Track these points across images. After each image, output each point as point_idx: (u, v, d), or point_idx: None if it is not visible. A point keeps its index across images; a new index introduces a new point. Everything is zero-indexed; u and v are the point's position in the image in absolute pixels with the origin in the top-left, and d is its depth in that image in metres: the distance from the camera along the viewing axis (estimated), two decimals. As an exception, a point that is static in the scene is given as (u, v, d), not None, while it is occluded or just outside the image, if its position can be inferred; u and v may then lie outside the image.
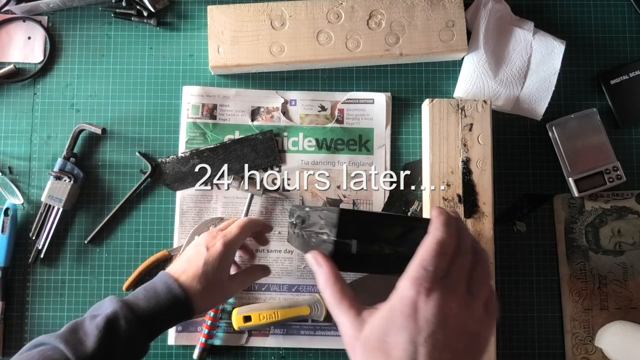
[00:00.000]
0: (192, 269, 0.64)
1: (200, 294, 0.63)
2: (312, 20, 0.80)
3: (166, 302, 0.61)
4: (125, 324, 0.59)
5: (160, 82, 0.83)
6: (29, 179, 0.81)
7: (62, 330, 0.58)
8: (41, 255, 0.79)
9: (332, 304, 0.49)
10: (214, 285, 0.64)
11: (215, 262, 0.64)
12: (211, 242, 0.66)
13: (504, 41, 0.81)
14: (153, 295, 0.62)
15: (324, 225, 0.54)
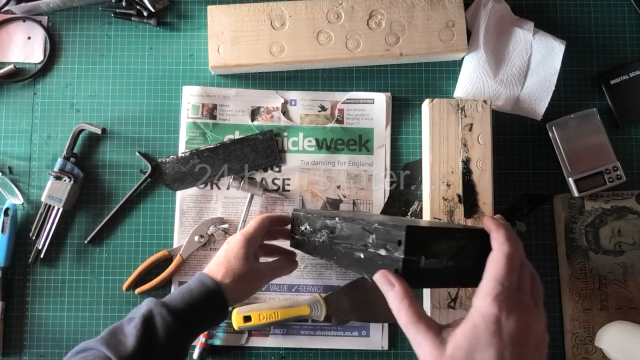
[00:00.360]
0: (219, 262, 0.68)
1: (230, 284, 0.66)
2: (312, 20, 0.80)
3: (199, 294, 0.64)
4: (161, 320, 0.60)
5: (160, 82, 0.83)
6: (29, 179, 0.81)
7: (103, 334, 0.60)
8: (41, 255, 0.79)
9: (408, 325, 0.49)
10: (242, 273, 0.67)
11: (236, 252, 0.67)
12: (232, 238, 0.70)
13: (504, 41, 0.81)
14: (186, 290, 0.65)
15: (377, 240, 0.54)
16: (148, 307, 0.62)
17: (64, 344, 0.78)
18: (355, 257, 0.57)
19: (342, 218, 0.62)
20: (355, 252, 0.57)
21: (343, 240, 0.60)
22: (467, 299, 0.74)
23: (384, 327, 0.79)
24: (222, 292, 0.65)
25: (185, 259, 0.79)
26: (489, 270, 0.48)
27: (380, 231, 0.53)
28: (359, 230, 0.57)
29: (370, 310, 0.78)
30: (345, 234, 0.60)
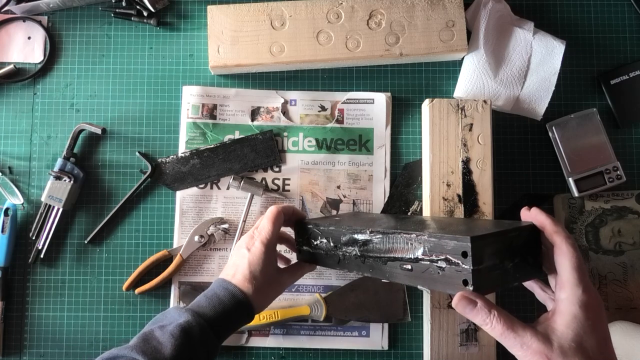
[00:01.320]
0: (241, 272, 0.67)
1: (255, 294, 0.65)
2: (312, 20, 0.80)
3: (231, 306, 0.64)
4: (200, 331, 0.61)
5: (160, 82, 0.83)
6: (29, 179, 0.81)
7: (134, 342, 0.60)
8: (41, 255, 0.79)
9: (506, 334, 0.51)
10: (265, 283, 0.67)
11: (258, 262, 0.67)
12: (250, 243, 0.68)
13: (504, 41, 0.81)
14: (217, 302, 0.64)
15: (430, 252, 0.54)
16: (186, 318, 0.61)
17: (64, 344, 0.78)
18: (402, 269, 0.58)
19: (377, 231, 0.61)
20: (403, 264, 0.57)
21: (382, 253, 0.60)
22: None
23: (384, 327, 0.79)
24: (251, 303, 0.65)
25: (185, 259, 0.79)
26: (565, 262, 0.51)
27: (433, 243, 0.54)
28: (403, 242, 0.57)
29: (370, 310, 0.78)
30: (383, 247, 0.60)
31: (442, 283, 0.53)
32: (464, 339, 0.74)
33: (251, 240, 0.69)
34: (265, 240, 0.68)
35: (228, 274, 0.68)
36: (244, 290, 0.65)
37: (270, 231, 0.68)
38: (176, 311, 0.63)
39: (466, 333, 0.74)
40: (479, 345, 0.74)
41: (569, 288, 0.51)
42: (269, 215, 0.70)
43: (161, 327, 0.61)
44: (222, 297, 0.64)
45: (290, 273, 0.71)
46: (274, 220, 0.69)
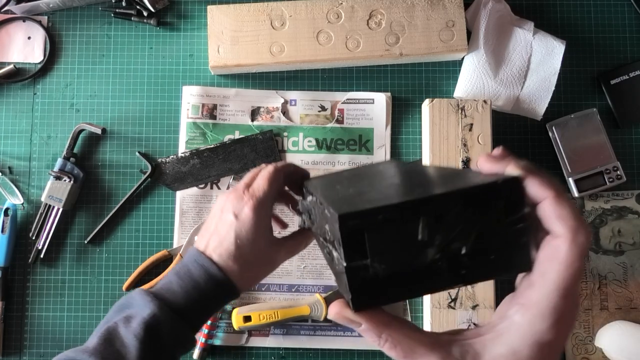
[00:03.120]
0: (225, 246, 0.54)
1: (240, 274, 0.54)
2: (312, 20, 0.80)
3: (209, 291, 0.53)
4: (169, 326, 0.51)
5: (160, 82, 0.83)
6: (29, 179, 0.81)
7: (95, 343, 0.51)
8: (41, 255, 0.79)
9: None
10: (254, 260, 0.55)
11: (248, 235, 0.53)
12: (239, 207, 0.54)
13: (504, 41, 0.81)
14: (191, 285, 0.53)
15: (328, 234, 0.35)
16: (150, 311, 0.51)
17: (64, 344, 0.78)
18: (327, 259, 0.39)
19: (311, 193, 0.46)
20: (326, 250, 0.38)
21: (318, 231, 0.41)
22: (467, 299, 0.74)
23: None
24: (234, 284, 0.54)
25: (185, 259, 0.79)
26: (551, 276, 0.32)
27: (322, 214, 0.37)
28: (320, 212, 0.40)
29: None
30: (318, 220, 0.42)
31: (340, 283, 0.35)
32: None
33: (240, 202, 0.54)
34: (259, 205, 0.53)
35: (207, 245, 0.55)
36: (226, 270, 0.53)
37: (267, 193, 0.54)
38: (141, 298, 0.52)
39: (466, 333, 0.74)
40: (479, 345, 0.74)
41: (532, 312, 0.32)
42: (265, 175, 0.55)
43: (126, 321, 0.52)
44: (198, 280, 0.53)
45: (290, 245, 0.57)
46: (272, 180, 0.55)
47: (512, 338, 0.33)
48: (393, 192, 0.38)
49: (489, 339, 0.34)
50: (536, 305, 0.32)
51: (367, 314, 0.34)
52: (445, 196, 0.32)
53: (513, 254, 0.33)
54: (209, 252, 0.54)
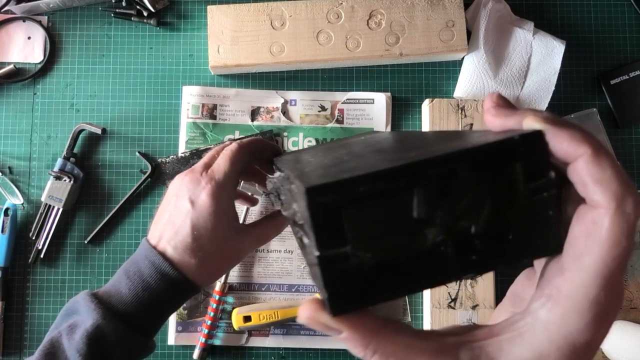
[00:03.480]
0: (180, 238, 0.47)
1: (198, 268, 0.47)
2: (312, 20, 0.80)
3: (160, 292, 0.47)
4: (116, 339, 0.46)
5: (160, 82, 0.83)
6: (29, 179, 0.81)
7: (36, 357, 0.47)
8: (41, 255, 0.79)
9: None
10: (216, 252, 0.48)
11: (207, 224, 0.47)
12: (196, 192, 0.48)
13: (504, 41, 0.81)
14: (140, 285, 0.47)
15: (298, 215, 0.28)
16: (94, 321, 0.45)
17: (64, 344, 0.78)
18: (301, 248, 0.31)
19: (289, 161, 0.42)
20: (297, 237, 0.32)
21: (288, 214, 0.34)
22: (467, 299, 0.74)
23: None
24: (192, 282, 0.48)
25: (185, 259, 0.79)
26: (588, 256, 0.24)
27: (293, 191, 0.30)
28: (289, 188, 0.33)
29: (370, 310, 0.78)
30: (287, 199, 0.35)
31: (315, 278, 0.27)
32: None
33: (197, 187, 0.48)
34: (218, 189, 0.47)
35: (161, 236, 0.49)
36: (182, 266, 0.47)
37: (228, 175, 0.48)
38: (85, 304, 0.47)
39: (466, 333, 0.74)
40: (479, 345, 0.74)
41: (565, 310, 0.25)
42: (227, 153, 0.49)
43: (70, 331, 0.46)
44: (148, 280, 0.47)
45: (257, 233, 0.51)
46: (234, 159, 0.49)
47: (538, 339, 0.25)
48: (379, 159, 0.29)
49: (507, 339, 0.26)
50: (569, 297, 0.25)
51: (349, 319, 0.26)
52: (448, 158, 0.24)
53: (537, 232, 0.26)
54: (162, 245, 0.48)
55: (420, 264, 0.25)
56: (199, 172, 0.49)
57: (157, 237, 0.50)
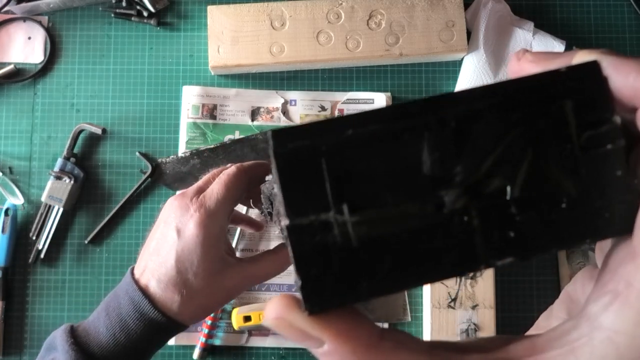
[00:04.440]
0: (165, 268, 0.44)
1: (182, 305, 0.43)
2: (312, 21, 0.80)
3: (138, 334, 0.43)
4: None
5: (160, 82, 0.83)
6: (29, 179, 0.81)
7: None
8: (41, 255, 0.79)
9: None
10: (202, 288, 0.44)
11: (193, 256, 0.43)
12: (183, 220, 0.43)
13: (504, 41, 0.81)
14: (118, 325, 0.43)
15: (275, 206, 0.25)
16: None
17: (64, 344, 0.78)
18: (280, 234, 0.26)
19: None
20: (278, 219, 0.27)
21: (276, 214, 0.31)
22: (467, 299, 0.74)
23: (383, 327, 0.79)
24: (174, 321, 0.44)
25: (185, 259, 0.79)
26: None
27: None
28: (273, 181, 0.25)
29: (370, 310, 0.78)
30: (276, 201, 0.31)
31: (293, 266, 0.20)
32: (464, 339, 0.74)
33: (185, 214, 0.43)
34: (208, 218, 0.42)
35: (145, 267, 0.46)
36: (164, 303, 0.43)
37: (221, 202, 0.43)
38: (61, 343, 0.44)
39: (466, 333, 0.74)
40: (478, 345, 0.74)
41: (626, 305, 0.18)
42: (224, 178, 0.45)
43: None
44: (126, 319, 0.43)
45: (254, 269, 0.46)
46: (230, 185, 0.44)
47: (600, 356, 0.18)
48: None
49: (557, 357, 0.19)
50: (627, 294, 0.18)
51: (334, 324, 0.18)
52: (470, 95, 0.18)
53: (600, 199, 0.19)
54: (145, 279, 0.45)
55: (435, 241, 0.18)
56: (190, 198, 0.45)
57: (142, 267, 0.47)
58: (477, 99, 0.18)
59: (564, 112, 0.18)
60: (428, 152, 0.18)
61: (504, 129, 0.18)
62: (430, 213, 0.18)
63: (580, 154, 0.18)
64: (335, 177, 0.18)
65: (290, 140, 0.18)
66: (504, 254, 0.18)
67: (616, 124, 0.18)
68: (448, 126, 0.18)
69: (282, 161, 0.17)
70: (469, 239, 0.18)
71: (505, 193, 0.18)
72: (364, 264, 0.18)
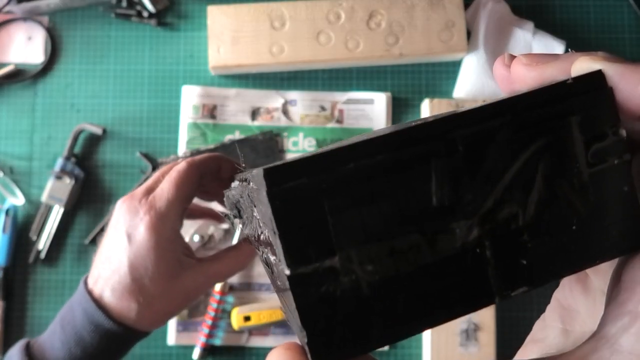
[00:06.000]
0: (118, 276, 0.42)
1: (140, 313, 0.41)
2: (312, 21, 0.80)
3: (96, 346, 0.41)
4: None
5: (160, 82, 0.83)
6: (30, 179, 0.81)
7: None
8: (42, 256, 0.79)
9: None
10: (160, 293, 0.41)
11: (146, 261, 0.40)
12: (133, 224, 0.42)
13: (504, 41, 0.81)
14: (73, 338, 0.41)
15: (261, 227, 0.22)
16: None
17: (64, 343, 0.78)
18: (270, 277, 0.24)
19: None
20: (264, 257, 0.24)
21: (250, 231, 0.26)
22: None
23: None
24: (133, 330, 0.42)
25: (185, 259, 0.79)
26: None
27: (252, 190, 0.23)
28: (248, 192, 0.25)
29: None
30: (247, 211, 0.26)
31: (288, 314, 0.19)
32: (464, 338, 0.74)
33: (134, 217, 0.41)
34: (160, 220, 0.40)
35: (99, 276, 0.44)
36: (121, 313, 0.41)
37: (172, 202, 0.40)
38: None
39: (466, 333, 0.74)
40: (479, 346, 0.74)
41: None
42: (173, 176, 0.42)
43: None
44: (81, 332, 0.41)
45: (217, 268, 0.44)
46: (180, 183, 0.41)
47: None
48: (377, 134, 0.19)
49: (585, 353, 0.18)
50: None
51: None
52: (479, 113, 0.18)
53: (609, 217, 0.18)
54: (99, 289, 0.43)
55: (448, 277, 0.17)
56: (138, 199, 0.42)
57: (95, 276, 0.45)
58: (484, 119, 0.18)
59: (570, 128, 0.18)
60: (436, 182, 0.17)
61: (513, 151, 0.17)
62: (442, 247, 0.17)
63: (587, 172, 0.18)
64: (339, 218, 0.16)
65: (285, 179, 0.16)
66: (517, 284, 0.18)
67: (622, 137, 0.18)
68: (457, 151, 0.17)
69: (278, 203, 0.16)
70: (483, 272, 0.17)
71: (518, 219, 0.17)
72: (374, 311, 0.16)
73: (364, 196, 0.16)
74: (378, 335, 0.16)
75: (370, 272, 0.16)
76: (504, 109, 0.18)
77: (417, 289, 0.17)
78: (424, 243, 0.17)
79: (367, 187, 0.16)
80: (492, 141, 0.17)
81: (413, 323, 0.17)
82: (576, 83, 0.18)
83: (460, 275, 0.17)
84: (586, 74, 0.18)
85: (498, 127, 0.17)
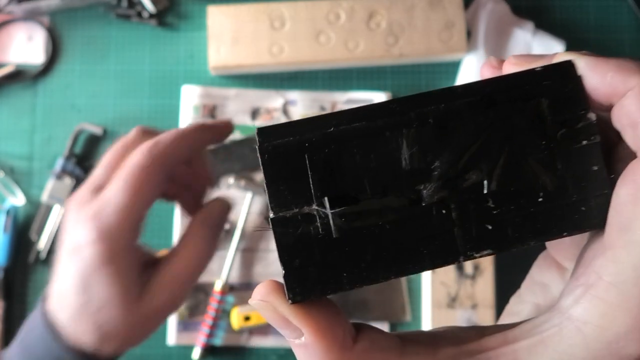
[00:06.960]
0: (68, 298, 0.37)
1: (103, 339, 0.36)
2: (312, 21, 0.80)
3: None
4: None
5: (160, 82, 0.83)
6: (30, 179, 0.81)
7: None
8: (42, 256, 0.79)
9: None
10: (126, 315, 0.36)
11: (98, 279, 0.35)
12: (78, 236, 0.35)
13: (503, 41, 0.81)
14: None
15: None
16: None
17: (64, 343, 0.78)
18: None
19: None
20: None
21: None
22: (467, 299, 0.74)
23: (383, 327, 0.79)
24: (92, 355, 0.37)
25: (185, 259, 0.79)
26: None
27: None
28: None
29: (370, 309, 0.78)
30: None
31: None
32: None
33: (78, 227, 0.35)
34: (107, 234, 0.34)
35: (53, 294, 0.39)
36: (79, 340, 0.36)
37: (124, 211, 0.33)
38: None
39: (466, 333, 0.74)
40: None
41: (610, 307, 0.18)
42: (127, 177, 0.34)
43: None
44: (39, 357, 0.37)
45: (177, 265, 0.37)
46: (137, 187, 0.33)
47: (567, 346, 0.18)
48: None
49: (524, 349, 0.19)
50: (614, 286, 0.18)
51: (315, 318, 0.19)
52: (452, 92, 0.19)
53: (577, 193, 0.19)
54: (55, 310, 0.38)
55: (415, 233, 0.19)
56: (83, 203, 0.35)
57: (50, 294, 0.40)
58: (456, 97, 0.19)
59: (539, 109, 0.19)
60: (407, 148, 0.19)
61: (482, 125, 0.19)
62: (409, 206, 0.19)
63: (556, 149, 0.20)
64: (318, 172, 0.19)
65: (275, 137, 0.20)
66: (482, 246, 0.19)
67: (591, 120, 0.20)
68: (427, 123, 0.19)
69: (267, 156, 0.20)
70: (449, 232, 0.19)
71: (482, 187, 0.19)
72: (345, 255, 0.19)
73: (341, 156, 0.19)
74: (347, 277, 0.19)
75: (343, 222, 0.19)
76: (475, 90, 0.20)
77: (385, 241, 0.19)
78: (392, 201, 0.19)
79: (345, 148, 0.19)
80: (461, 116, 0.19)
81: (380, 271, 0.19)
82: (545, 71, 0.20)
83: (428, 233, 0.19)
84: (555, 63, 0.20)
85: (467, 104, 0.19)
